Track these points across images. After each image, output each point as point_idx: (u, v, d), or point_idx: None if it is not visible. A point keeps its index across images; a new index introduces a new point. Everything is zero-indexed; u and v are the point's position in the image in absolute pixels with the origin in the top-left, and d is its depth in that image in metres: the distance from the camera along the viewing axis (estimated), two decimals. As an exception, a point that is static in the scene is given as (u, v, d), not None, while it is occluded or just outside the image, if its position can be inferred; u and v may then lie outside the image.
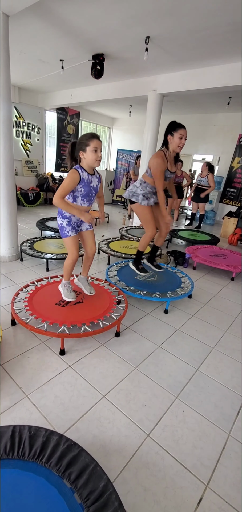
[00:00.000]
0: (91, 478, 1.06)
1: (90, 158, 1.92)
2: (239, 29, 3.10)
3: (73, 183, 1.93)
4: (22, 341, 2.09)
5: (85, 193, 2.03)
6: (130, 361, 1.99)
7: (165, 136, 2.51)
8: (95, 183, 2.09)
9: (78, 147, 1.95)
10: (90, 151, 1.90)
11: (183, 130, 2.41)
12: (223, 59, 3.99)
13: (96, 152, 1.91)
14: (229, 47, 3.59)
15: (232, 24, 3.01)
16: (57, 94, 7.20)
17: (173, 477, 1.27)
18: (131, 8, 2.92)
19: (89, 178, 2.01)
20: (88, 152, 1.91)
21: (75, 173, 1.93)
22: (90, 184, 2.03)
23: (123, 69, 4.90)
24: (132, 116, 8.56)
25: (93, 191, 2.08)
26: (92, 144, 1.89)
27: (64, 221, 2.13)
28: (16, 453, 1.13)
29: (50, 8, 3.09)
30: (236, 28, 3.08)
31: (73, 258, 2.17)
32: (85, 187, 2.00)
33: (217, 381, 1.89)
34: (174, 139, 2.43)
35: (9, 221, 3.47)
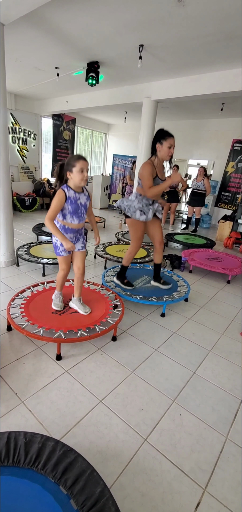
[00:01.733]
0: (87, 484, 1.05)
1: (76, 179, 2.00)
2: (231, 37, 3.17)
3: (60, 203, 2.03)
4: (18, 346, 2.07)
5: (73, 210, 2.09)
6: (127, 365, 1.98)
7: (153, 144, 2.48)
8: (83, 200, 2.14)
9: (66, 167, 2.04)
10: (76, 171, 1.98)
11: (172, 140, 2.39)
12: (216, 66, 4.08)
13: (82, 172, 1.99)
14: (221, 55, 3.67)
15: (223, 32, 3.09)
16: (53, 100, 7.26)
17: (170, 482, 1.26)
18: (125, 17, 2.98)
19: (75, 196, 2.08)
20: (74, 172, 1.99)
21: (60, 193, 2.03)
22: (77, 202, 2.09)
23: (118, 76, 4.97)
24: (127, 122, 8.65)
25: (81, 208, 2.14)
26: (78, 165, 1.97)
27: (58, 241, 2.18)
28: (11, 460, 1.12)
29: (45, 17, 3.13)
30: (228, 36, 3.16)
31: (64, 274, 2.29)
32: (72, 204, 2.07)
33: (214, 384, 1.89)
34: (163, 148, 2.41)
35: (5, 227, 3.46)
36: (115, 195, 9.12)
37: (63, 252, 2.20)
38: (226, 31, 3.07)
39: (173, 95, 4.85)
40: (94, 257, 4.21)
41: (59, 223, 2.14)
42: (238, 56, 3.64)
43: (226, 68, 4.08)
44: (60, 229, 2.14)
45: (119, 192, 9.02)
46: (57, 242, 2.19)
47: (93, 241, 5.09)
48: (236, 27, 2.96)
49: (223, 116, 6.91)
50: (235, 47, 3.41)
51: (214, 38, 3.24)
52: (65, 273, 2.29)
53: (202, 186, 6.10)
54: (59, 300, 2.37)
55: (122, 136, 10.12)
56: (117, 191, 9.07)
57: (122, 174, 8.90)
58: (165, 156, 2.43)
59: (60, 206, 2.04)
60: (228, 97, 4.94)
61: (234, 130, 7.14)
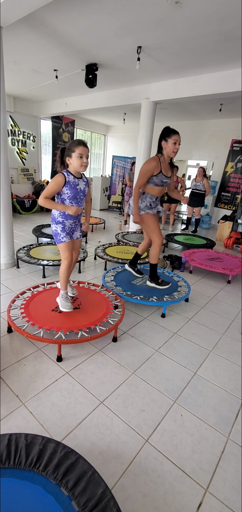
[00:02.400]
0: (89, 485, 1.05)
1: (75, 164, 2.01)
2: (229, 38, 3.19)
3: (57, 186, 2.03)
4: (18, 348, 2.07)
5: (72, 195, 2.09)
6: (127, 366, 1.98)
7: (159, 142, 2.55)
8: (82, 186, 2.15)
9: (66, 152, 2.05)
10: (75, 157, 1.99)
11: (177, 136, 2.46)
12: (214, 67, 4.09)
13: (81, 158, 1.99)
14: (219, 56, 3.68)
15: (221, 33, 3.10)
16: (52, 103, 7.28)
17: (172, 483, 1.26)
18: (123, 19, 2.99)
19: (75, 181, 2.08)
20: (73, 158, 2.00)
21: (60, 177, 2.03)
22: (77, 187, 2.10)
23: (117, 78, 4.99)
24: (126, 123, 8.68)
25: (80, 194, 2.14)
26: (78, 151, 1.98)
27: (58, 227, 2.17)
28: (12, 462, 1.11)
29: (43, 19, 3.14)
30: (226, 37, 3.17)
31: (68, 262, 2.19)
32: (71, 189, 2.07)
33: (215, 384, 1.89)
34: (168, 145, 2.48)
35: (5, 229, 3.46)
36: (115, 196, 9.13)
37: (64, 238, 2.15)
38: (223, 32, 3.08)
39: (171, 96, 4.86)
40: (94, 258, 4.21)
41: (58, 210, 2.13)
42: (236, 56, 3.65)
43: (224, 68, 4.09)
44: (60, 216, 2.13)
45: (119, 193, 9.03)
46: (57, 229, 2.15)
47: (94, 242, 5.09)
48: (233, 28, 2.97)
49: (222, 117, 6.92)
50: (233, 48, 3.43)
51: (212, 39, 3.25)
52: (69, 262, 2.17)
53: (201, 186, 6.11)
54: (66, 300, 2.24)
55: (121, 138, 10.13)
56: (117, 192, 9.08)
57: (121, 175, 8.91)
58: (170, 152, 2.49)
59: (57, 189, 2.04)
60: (226, 98, 4.95)
61: (233, 131, 7.15)
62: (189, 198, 6.39)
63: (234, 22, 2.87)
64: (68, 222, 2.17)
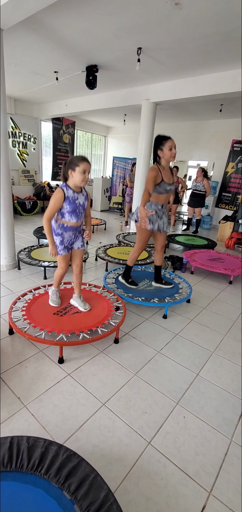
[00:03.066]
0: (91, 488, 1.04)
1: (77, 178, 2.02)
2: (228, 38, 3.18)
3: (58, 203, 2.05)
4: (20, 350, 2.06)
5: (71, 210, 2.10)
6: (129, 368, 1.97)
7: (154, 152, 2.55)
8: (82, 200, 2.15)
9: (68, 165, 2.04)
10: (79, 172, 1.99)
11: (171, 141, 2.44)
12: (214, 68, 4.09)
13: (84, 173, 2.01)
14: (219, 56, 3.67)
15: (221, 34, 3.10)
16: (52, 104, 7.30)
17: (175, 485, 1.25)
18: (123, 20, 3.00)
19: (74, 195, 2.08)
20: (77, 172, 2.00)
21: (59, 193, 2.04)
22: (76, 201, 2.10)
23: (117, 79, 4.99)
24: (126, 124, 8.68)
25: (80, 208, 2.15)
26: (82, 166, 1.98)
27: (57, 239, 2.20)
28: (14, 465, 1.11)
29: (43, 21, 3.15)
30: (226, 37, 3.17)
31: (62, 272, 2.33)
32: (70, 204, 2.08)
33: (218, 386, 1.88)
34: (165, 152, 2.47)
35: (6, 230, 3.46)
36: (115, 197, 9.14)
37: (62, 251, 2.23)
38: (223, 33, 3.08)
39: (172, 97, 4.86)
40: (95, 259, 4.20)
41: (58, 222, 2.15)
42: (236, 57, 3.65)
43: (224, 69, 4.09)
44: (59, 228, 2.16)
45: (119, 194, 9.03)
46: (56, 241, 2.20)
47: (94, 243, 5.09)
48: (233, 28, 2.96)
49: (222, 117, 6.92)
50: (233, 48, 3.42)
51: (212, 39, 3.25)
52: (64, 272, 2.32)
53: (201, 187, 6.10)
54: (56, 296, 2.42)
55: (121, 139, 10.14)
56: (117, 193, 9.08)
57: (122, 176, 8.92)
58: (168, 158, 2.49)
59: (59, 206, 2.06)
60: (226, 98, 4.95)
61: (234, 131, 7.14)
62: (190, 199, 6.42)
63: (234, 23, 2.86)
64: (67, 234, 2.20)
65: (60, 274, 2.33)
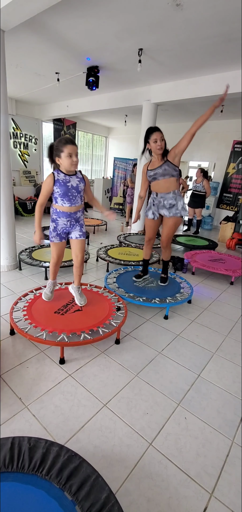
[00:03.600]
0: (92, 489, 1.03)
1: (65, 164, 1.99)
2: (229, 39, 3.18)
3: (48, 186, 2.04)
4: (21, 350, 2.06)
5: (63, 193, 2.05)
6: (130, 369, 1.97)
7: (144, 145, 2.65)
8: (75, 182, 2.09)
9: (55, 153, 2.01)
10: (65, 156, 1.96)
11: (156, 134, 2.49)
12: (215, 69, 4.09)
13: (71, 157, 1.96)
14: (220, 57, 3.67)
15: (222, 35, 3.10)
16: (54, 105, 7.31)
17: (176, 487, 1.25)
18: (124, 22, 3.00)
19: (66, 178, 2.05)
20: (63, 158, 1.97)
21: (49, 177, 2.04)
22: (67, 184, 2.06)
23: (118, 80, 5.00)
24: (127, 125, 8.68)
25: (72, 191, 2.09)
26: (66, 150, 1.95)
27: (51, 225, 2.20)
28: (15, 466, 1.11)
29: (45, 23, 3.16)
30: (226, 38, 3.17)
31: (54, 262, 2.32)
32: (61, 186, 2.04)
33: (219, 387, 1.87)
34: (151, 145, 2.56)
35: (7, 231, 3.47)
36: (116, 198, 9.14)
37: (53, 238, 2.22)
38: (224, 34, 3.08)
39: (172, 97, 4.86)
40: (96, 260, 4.20)
41: (53, 208, 2.14)
42: (237, 58, 3.64)
43: (225, 70, 4.09)
44: (53, 213, 2.15)
45: (120, 194, 9.03)
46: (50, 228, 2.21)
47: (96, 244, 5.09)
48: (234, 29, 2.96)
49: (223, 118, 6.91)
50: (234, 49, 3.42)
51: (213, 40, 3.25)
52: (55, 262, 2.30)
53: (201, 187, 6.11)
54: (49, 290, 2.41)
55: (122, 139, 10.15)
56: (118, 194, 9.09)
57: (123, 177, 8.92)
58: (155, 150, 2.55)
59: (49, 190, 2.04)
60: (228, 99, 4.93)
61: (234, 132, 7.14)
62: (190, 199, 6.42)
63: (235, 24, 2.86)
64: (61, 221, 2.15)
65: (52, 263, 2.32)
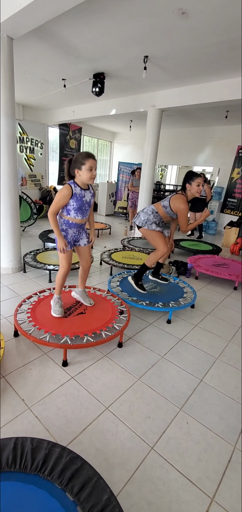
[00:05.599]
0: (94, 491, 1.04)
1: (85, 176, 2.01)
2: (234, 46, 3.21)
3: (64, 199, 2.04)
4: (24, 352, 2.09)
5: (78, 207, 2.10)
6: (133, 372, 1.97)
7: (183, 183, 2.71)
8: (88, 197, 2.16)
9: (74, 165, 2.03)
10: (85, 169, 1.99)
11: (200, 179, 2.61)
12: (220, 75, 4.12)
13: (91, 170, 2.00)
14: (225, 64, 3.70)
15: (227, 42, 3.13)
16: (60, 110, 7.43)
17: (178, 491, 1.25)
18: (130, 29, 3.06)
19: (82, 192, 2.09)
20: (83, 170, 1.99)
21: (67, 189, 2.03)
22: (83, 199, 2.10)
23: (123, 86, 5.07)
24: (132, 130, 8.76)
25: (86, 205, 2.15)
26: (88, 164, 1.97)
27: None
28: (18, 466, 1.12)
29: (52, 31, 3.23)
30: (231, 45, 3.20)
31: (64, 271, 2.24)
32: (77, 201, 2.08)
33: (222, 392, 1.87)
34: (192, 187, 2.64)
35: (12, 234, 3.52)
36: (120, 201, 9.19)
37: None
38: (229, 41, 3.11)
39: (177, 103, 4.91)
40: (100, 263, 4.23)
41: (63, 218, 2.15)
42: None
43: (230, 76, 4.12)
44: (64, 224, 2.16)
45: (125, 199, 9.08)
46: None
47: (99, 247, 5.12)
48: (239, 37, 2.99)
49: (228, 123, 6.93)
50: (238, 56, 3.44)
51: (217, 48, 3.28)
52: (65, 271, 2.23)
53: (203, 192, 6.19)
54: (58, 305, 2.29)
55: (127, 144, 10.23)
56: (123, 198, 9.14)
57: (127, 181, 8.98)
58: (195, 193, 2.67)
59: (64, 202, 2.05)
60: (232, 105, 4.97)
61: (239, 137, 7.14)
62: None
63: (239, 31, 2.89)
64: (71, 231, 2.20)
65: (62, 274, 2.23)
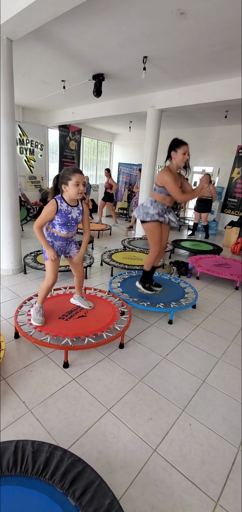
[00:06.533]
0: (96, 495, 1.03)
1: (72, 192, 1.98)
2: (233, 46, 3.21)
3: (50, 215, 2.02)
4: (25, 354, 2.07)
5: (62, 223, 2.07)
6: (134, 374, 1.95)
7: (168, 152, 2.59)
8: (75, 214, 2.10)
9: (61, 180, 2.01)
10: (72, 185, 1.95)
11: (186, 147, 2.50)
12: (219, 75, 4.11)
13: (78, 186, 1.96)
14: (224, 64, 3.70)
15: (226, 42, 3.12)
16: (59, 112, 7.43)
17: (181, 494, 1.22)
18: (129, 30, 3.05)
19: (68, 209, 2.05)
20: (70, 186, 1.96)
21: (52, 205, 2.00)
22: (68, 215, 2.06)
23: (123, 87, 5.07)
24: (132, 131, 8.76)
25: (72, 221, 2.11)
26: (74, 179, 1.94)
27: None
28: (19, 470, 1.10)
29: (51, 32, 3.23)
30: (230, 45, 3.19)
31: (49, 284, 2.16)
32: (62, 217, 2.05)
33: (225, 393, 1.84)
34: (178, 155, 2.52)
35: (13, 235, 3.51)
36: (121, 202, 9.19)
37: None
38: (227, 41, 3.11)
39: (177, 104, 4.90)
40: (101, 264, 4.21)
41: (48, 230, 2.13)
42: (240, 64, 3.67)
43: (229, 76, 4.11)
44: (49, 236, 2.13)
45: (125, 199, 9.08)
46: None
47: (100, 248, 5.10)
48: (237, 36, 2.98)
49: (228, 123, 6.92)
50: (237, 56, 3.44)
51: (217, 48, 3.28)
52: (50, 284, 2.15)
53: (208, 192, 6.16)
54: (40, 314, 2.18)
55: (127, 145, 10.24)
56: (123, 198, 9.13)
57: (127, 182, 8.98)
58: (179, 162, 2.53)
59: (50, 218, 2.03)
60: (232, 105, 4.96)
61: (239, 137, 7.13)
62: (196, 204, 6.44)
63: (238, 31, 2.88)
64: (57, 243, 2.16)
65: (46, 286, 2.16)
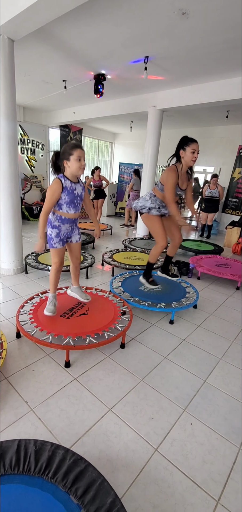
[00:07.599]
0: (98, 494, 1.03)
1: (74, 167, 1.97)
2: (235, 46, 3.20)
3: (57, 193, 2.00)
4: (27, 353, 2.08)
5: (70, 200, 2.06)
6: (136, 373, 1.96)
7: (177, 150, 2.54)
8: (79, 190, 2.12)
9: (62, 156, 2.00)
10: (74, 160, 1.95)
11: (196, 144, 2.45)
12: (220, 75, 4.11)
13: (80, 161, 1.96)
14: (225, 64, 3.70)
15: (227, 42, 3.12)
16: (60, 112, 7.44)
17: (182, 493, 1.23)
18: (130, 30, 3.06)
19: (72, 185, 2.05)
20: (72, 161, 1.96)
21: (57, 183, 1.99)
22: (74, 191, 2.07)
23: (124, 87, 5.07)
24: (133, 131, 8.76)
25: (77, 198, 2.12)
26: (76, 153, 1.94)
27: (53, 232, 2.16)
28: (21, 468, 1.11)
29: (53, 32, 3.24)
30: (232, 45, 3.19)
31: (56, 268, 2.22)
32: (69, 194, 2.04)
33: (226, 393, 1.85)
34: (187, 154, 2.46)
35: (14, 235, 3.52)
36: (122, 202, 9.19)
37: (57, 244, 2.17)
38: (229, 41, 3.11)
39: (178, 103, 4.91)
40: (102, 264, 4.22)
41: (55, 214, 2.11)
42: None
43: (230, 76, 4.11)
44: (56, 220, 2.12)
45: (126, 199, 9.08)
46: (52, 234, 2.17)
47: (101, 248, 5.11)
48: (239, 36, 2.98)
49: (229, 123, 6.92)
50: (239, 56, 3.44)
51: (218, 47, 3.28)
52: (57, 267, 2.22)
53: (217, 193, 6.24)
54: (52, 304, 2.27)
55: (128, 145, 10.24)
56: (124, 198, 9.14)
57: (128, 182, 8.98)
58: (189, 161, 2.49)
59: (57, 197, 2.00)
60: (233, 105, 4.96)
61: (240, 137, 7.13)
62: (205, 205, 6.48)
63: (239, 31, 2.88)
64: (64, 227, 2.16)
65: (54, 271, 2.22)
